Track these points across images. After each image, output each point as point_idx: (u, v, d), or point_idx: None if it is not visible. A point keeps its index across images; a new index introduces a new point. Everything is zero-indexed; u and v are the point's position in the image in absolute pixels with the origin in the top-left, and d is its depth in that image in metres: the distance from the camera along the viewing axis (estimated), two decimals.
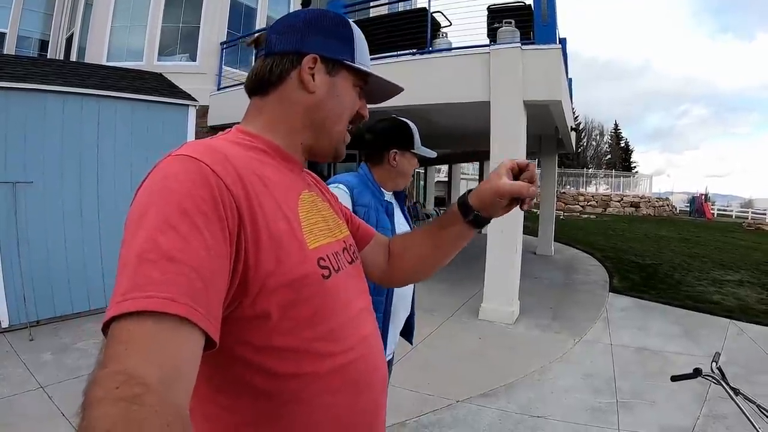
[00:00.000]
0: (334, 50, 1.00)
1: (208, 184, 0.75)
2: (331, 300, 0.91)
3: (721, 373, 2.11)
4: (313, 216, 0.98)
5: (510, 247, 6.20)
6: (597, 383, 4.37)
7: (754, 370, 4.73)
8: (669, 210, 32.81)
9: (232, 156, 0.84)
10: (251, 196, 0.82)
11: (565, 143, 11.46)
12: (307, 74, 0.98)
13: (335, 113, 1.03)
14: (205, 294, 0.69)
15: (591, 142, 51.94)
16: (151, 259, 0.67)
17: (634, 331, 5.91)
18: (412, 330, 2.29)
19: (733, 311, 6.82)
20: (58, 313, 5.60)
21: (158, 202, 0.72)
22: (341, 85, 1.02)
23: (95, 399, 0.54)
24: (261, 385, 0.84)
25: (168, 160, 0.79)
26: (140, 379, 0.57)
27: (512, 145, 6.18)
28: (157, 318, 0.63)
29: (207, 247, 0.71)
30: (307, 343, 0.87)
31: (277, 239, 0.83)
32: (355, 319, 0.98)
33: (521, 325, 6.01)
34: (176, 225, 0.70)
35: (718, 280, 9.22)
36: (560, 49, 6.04)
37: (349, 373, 0.93)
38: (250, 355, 0.83)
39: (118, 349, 0.60)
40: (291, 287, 0.84)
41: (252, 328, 0.82)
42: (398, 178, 2.13)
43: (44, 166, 5.58)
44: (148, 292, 0.64)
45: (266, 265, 0.81)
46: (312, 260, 0.89)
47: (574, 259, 11.41)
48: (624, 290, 8.02)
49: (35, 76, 5.86)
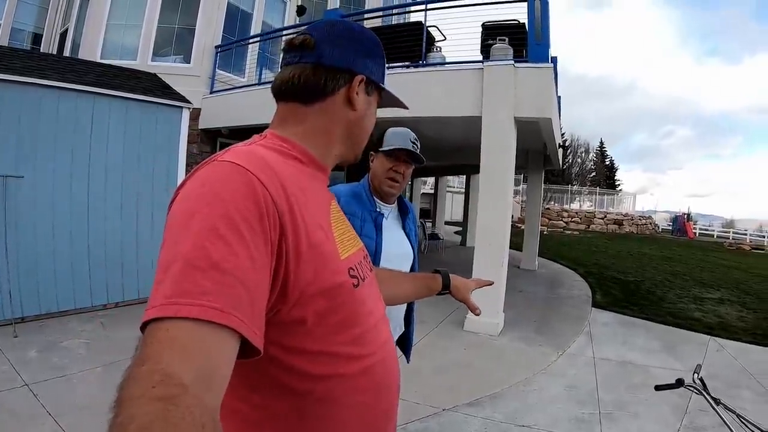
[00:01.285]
0: (374, 72, 1.07)
1: (255, 195, 0.77)
2: (359, 307, 0.96)
3: (702, 384, 2.19)
4: (341, 225, 1.03)
5: (496, 260, 6.28)
6: (580, 395, 4.44)
7: (733, 384, 4.86)
8: (651, 228, 33.25)
9: (277, 166, 0.86)
10: (294, 207, 0.83)
11: (553, 160, 11.62)
12: (355, 93, 1.03)
13: (368, 128, 1.11)
14: (250, 304, 0.71)
15: (576, 159, 52.46)
16: (201, 267, 0.68)
17: (616, 346, 6.01)
18: (409, 347, 2.32)
19: (714, 328, 6.99)
20: (43, 311, 5.55)
21: (206, 209, 0.74)
22: (373, 105, 1.11)
23: (132, 396, 0.56)
24: (295, 385, 0.88)
25: (214, 166, 0.81)
26: (177, 379, 0.59)
27: (502, 160, 6.28)
28: (199, 324, 0.65)
29: (252, 259, 0.73)
30: (338, 347, 0.91)
31: (316, 249, 0.86)
32: (377, 324, 1.03)
33: (506, 337, 6.08)
34: (225, 235, 0.71)
35: (699, 297, 9.41)
36: (552, 68, 6.16)
37: (374, 375, 0.98)
38: (285, 357, 0.86)
39: (159, 348, 0.62)
40: (326, 296, 0.88)
41: (288, 333, 0.86)
42: (374, 182, 2.13)
43: (36, 161, 5.54)
44: (199, 300, 0.66)
45: (305, 274, 0.83)
46: (344, 270, 0.93)
47: (558, 274, 11.55)
48: (606, 305, 8.16)
49: (32, 69, 5.83)
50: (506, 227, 6.40)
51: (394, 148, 2.09)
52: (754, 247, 26.42)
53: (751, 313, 8.23)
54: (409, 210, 2.26)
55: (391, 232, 2.12)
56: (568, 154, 48.95)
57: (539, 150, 10.78)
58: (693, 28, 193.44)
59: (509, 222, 6.63)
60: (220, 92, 9.57)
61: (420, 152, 2.15)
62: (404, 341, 2.29)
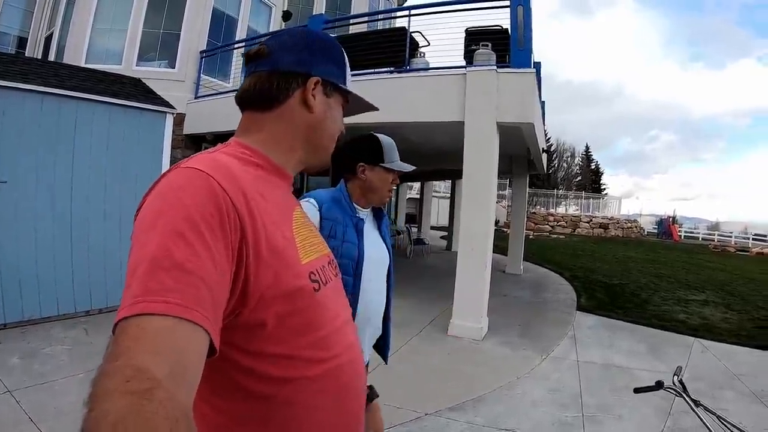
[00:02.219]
0: (332, 74, 1.08)
1: (216, 199, 0.80)
2: (321, 310, 0.97)
3: (682, 386, 2.20)
4: (304, 231, 1.04)
5: (479, 265, 6.31)
6: (563, 398, 4.47)
7: (717, 385, 4.92)
8: (637, 231, 33.51)
9: (239, 173, 0.89)
10: (254, 212, 0.86)
11: (537, 164, 11.68)
12: (310, 95, 1.04)
13: (330, 132, 1.10)
14: (212, 303, 0.73)
15: (562, 163, 52.78)
16: (165, 267, 0.71)
17: (600, 349, 6.05)
18: (387, 349, 2.32)
19: (698, 330, 7.06)
20: (26, 317, 5.49)
21: (169, 212, 0.76)
22: (335, 106, 1.11)
23: (105, 391, 0.57)
24: (257, 388, 0.89)
25: (180, 172, 0.83)
26: (150, 373, 0.59)
27: (485, 165, 6.33)
28: (168, 320, 0.67)
29: (213, 260, 0.75)
30: (299, 350, 0.92)
31: (276, 253, 0.88)
32: (341, 328, 1.04)
33: (489, 342, 6.09)
34: (187, 237, 0.74)
35: (683, 299, 9.51)
36: (534, 74, 6.21)
37: (339, 378, 0.99)
38: (246, 360, 0.88)
39: (129, 344, 0.64)
40: (286, 299, 0.89)
41: (248, 336, 0.87)
42: (369, 193, 2.13)
43: (18, 166, 5.50)
44: (164, 297, 0.68)
45: (265, 278, 0.85)
46: (305, 274, 0.94)
47: (543, 278, 11.62)
48: (591, 309, 8.21)
49: (14, 74, 5.79)
50: (489, 232, 6.44)
51: (399, 170, 2.15)
52: (738, 249, 26.71)
53: (735, 315, 8.33)
54: (383, 213, 2.27)
55: (370, 237, 2.12)
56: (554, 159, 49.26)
57: (523, 155, 10.84)
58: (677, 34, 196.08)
59: (492, 227, 6.66)
60: (204, 97, 9.55)
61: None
62: (382, 345, 2.29)
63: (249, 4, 11.49)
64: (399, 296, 8.30)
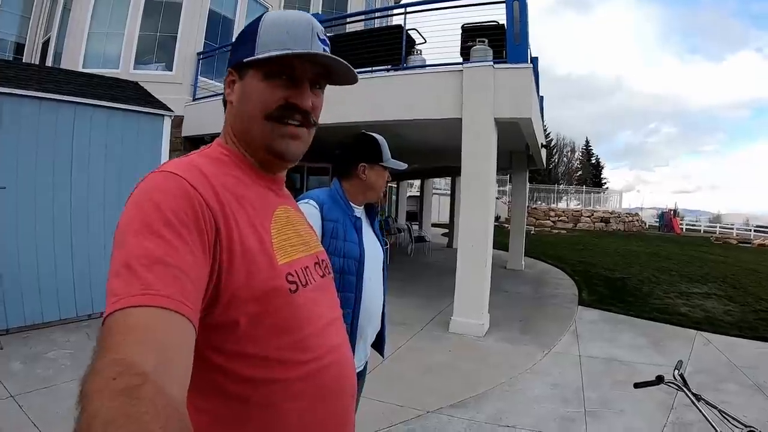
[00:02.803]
0: (240, 55, 1.02)
1: (190, 199, 0.82)
2: (298, 312, 0.96)
3: (683, 380, 2.18)
4: (287, 231, 1.04)
5: (480, 261, 6.31)
6: (565, 393, 4.46)
7: (720, 378, 4.92)
8: (638, 225, 33.46)
9: (210, 174, 0.91)
10: (227, 212, 0.88)
11: (536, 160, 11.68)
12: (228, 88, 1.05)
13: (246, 113, 1.03)
14: (194, 294, 0.76)
15: (562, 158, 52.76)
16: (144, 263, 0.72)
17: (602, 343, 6.04)
18: (383, 343, 2.34)
19: (700, 323, 7.04)
20: (28, 322, 5.49)
21: (144, 214, 0.78)
22: (249, 85, 1.02)
23: (94, 390, 0.57)
24: (233, 389, 0.89)
25: (152, 176, 0.86)
26: (137, 368, 0.60)
27: (483, 162, 6.32)
28: (152, 311, 0.68)
29: (192, 254, 0.78)
30: (276, 352, 0.92)
31: (249, 254, 0.89)
32: (325, 329, 1.03)
33: (491, 338, 6.10)
34: (164, 235, 0.76)
35: (685, 292, 9.49)
36: (531, 69, 6.20)
37: (319, 380, 0.98)
38: (223, 361, 0.88)
39: (117, 338, 0.65)
40: (259, 300, 0.89)
41: (223, 335, 0.87)
42: (368, 192, 2.17)
43: (18, 172, 5.51)
44: (144, 290, 0.69)
45: (237, 277, 0.86)
46: (281, 275, 0.94)
47: (545, 273, 11.61)
48: (593, 303, 8.20)
49: (12, 79, 5.78)
50: (489, 228, 6.43)
51: (396, 167, 2.20)
52: (740, 240, 26.69)
53: (737, 307, 8.31)
54: (375, 211, 2.29)
55: (366, 235, 2.15)
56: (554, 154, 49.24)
57: (522, 150, 10.83)
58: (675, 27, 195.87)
59: (492, 223, 6.65)
60: (202, 99, 9.55)
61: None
62: (378, 340, 2.31)
63: (245, 5, 11.48)
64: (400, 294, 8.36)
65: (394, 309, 7.26)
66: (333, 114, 7.16)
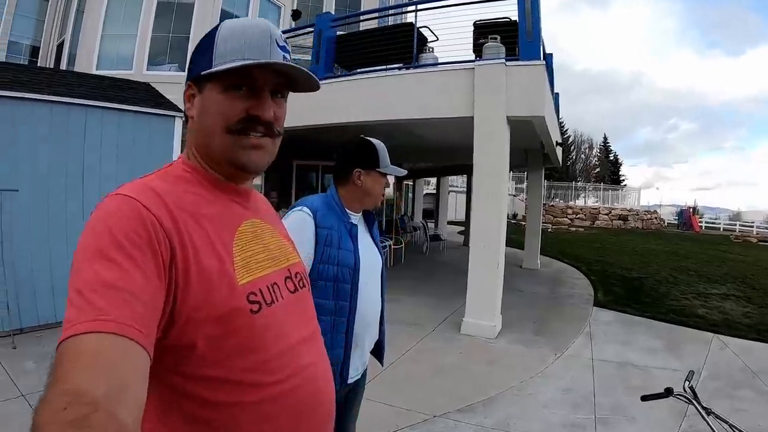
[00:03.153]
0: (195, 68, 0.99)
1: (142, 220, 0.81)
2: (261, 332, 0.92)
3: (693, 393, 2.08)
4: (253, 247, 1.00)
5: (492, 261, 6.22)
6: (576, 398, 4.37)
7: (735, 384, 4.77)
8: (657, 223, 33.00)
9: (166, 193, 0.88)
10: (182, 232, 0.86)
11: (552, 158, 11.54)
12: (188, 103, 1.01)
13: (207, 128, 0.99)
14: (146, 318, 0.74)
15: (580, 155, 52.29)
16: (95, 289, 0.72)
17: (616, 346, 5.93)
18: (382, 351, 2.30)
19: (718, 325, 6.87)
20: (41, 321, 5.53)
21: (97, 239, 0.78)
22: (207, 97, 0.98)
23: (44, 422, 0.56)
24: (195, 412, 0.87)
25: (106, 201, 0.85)
26: (87, 396, 0.59)
27: (495, 160, 6.24)
28: (102, 337, 0.67)
29: (145, 277, 0.77)
30: (237, 374, 0.89)
31: (207, 275, 0.86)
32: (293, 348, 0.98)
33: (503, 340, 6.01)
34: (115, 258, 0.75)
35: (703, 293, 9.29)
36: (544, 65, 6.10)
37: (286, 402, 0.94)
38: (183, 384, 0.86)
39: (66, 367, 0.64)
40: (218, 321, 0.86)
41: (181, 358, 0.85)
42: (365, 198, 2.12)
43: (31, 175, 5.56)
44: (94, 317, 0.68)
45: (194, 299, 0.84)
46: (241, 295, 0.90)
47: (560, 273, 11.46)
48: (608, 304, 8.06)
49: (24, 83, 5.84)
50: (501, 227, 6.34)
51: (394, 174, 2.18)
52: (761, 239, 26.11)
53: (756, 309, 8.09)
54: (373, 217, 2.24)
55: (363, 242, 2.10)
56: (572, 151, 48.82)
57: (537, 148, 10.72)
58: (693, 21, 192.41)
59: (504, 222, 6.56)
60: None
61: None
62: (377, 347, 2.27)
63: (257, 5, 11.53)
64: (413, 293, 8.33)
65: (406, 308, 7.32)
66: (346, 114, 7.15)
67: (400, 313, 7.02)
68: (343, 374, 1.94)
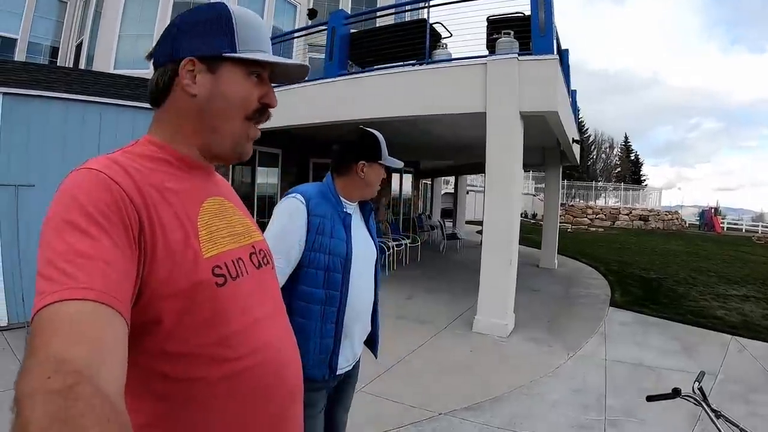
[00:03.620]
0: (210, 47, 0.97)
1: (110, 192, 0.80)
2: (225, 306, 0.91)
3: (702, 394, 2.01)
4: (217, 222, 0.99)
5: (504, 259, 6.13)
6: (586, 399, 4.27)
7: (753, 388, 4.62)
8: (678, 224, 32.49)
9: (131, 169, 0.87)
10: (149, 205, 0.85)
11: (569, 156, 11.39)
12: (186, 79, 0.96)
13: (222, 111, 0.99)
14: (122, 286, 0.74)
15: (601, 155, 51.68)
16: (68, 259, 0.70)
17: (631, 347, 5.80)
18: (376, 344, 2.26)
19: (736, 327, 6.69)
20: None
21: (65, 211, 0.76)
22: (226, 80, 0.98)
23: (29, 391, 0.54)
24: (158, 388, 0.87)
25: (73, 174, 0.83)
26: (71, 365, 0.58)
27: (508, 156, 6.15)
28: (82, 304, 0.66)
29: (116, 246, 0.76)
30: (199, 349, 0.88)
31: (172, 248, 0.86)
32: (257, 323, 0.98)
33: (515, 338, 5.92)
34: (86, 228, 0.74)
35: (722, 294, 9.08)
36: (557, 60, 6.00)
37: (247, 380, 0.93)
38: (146, 360, 0.85)
39: (47, 335, 0.62)
40: (182, 295, 0.85)
41: (145, 333, 0.84)
42: (365, 189, 2.11)
43: (46, 171, 5.66)
44: (70, 285, 0.67)
45: (159, 272, 0.83)
46: (206, 268, 0.90)
47: (578, 272, 11.30)
48: (625, 304, 7.91)
49: (40, 82, 5.95)
50: (514, 225, 6.25)
51: (393, 165, 2.16)
52: None
53: None
54: (370, 208, 2.22)
55: (357, 232, 2.08)
56: (592, 150, 48.30)
57: (554, 146, 10.59)
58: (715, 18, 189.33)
59: (517, 218, 6.47)
60: None
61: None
62: (371, 339, 2.24)
63: (273, 4, 11.56)
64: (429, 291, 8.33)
65: (419, 306, 7.29)
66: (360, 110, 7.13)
67: (413, 311, 6.99)
68: (332, 364, 1.91)
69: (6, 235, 5.46)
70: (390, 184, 14.67)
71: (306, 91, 7.78)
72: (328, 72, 7.85)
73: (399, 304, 7.36)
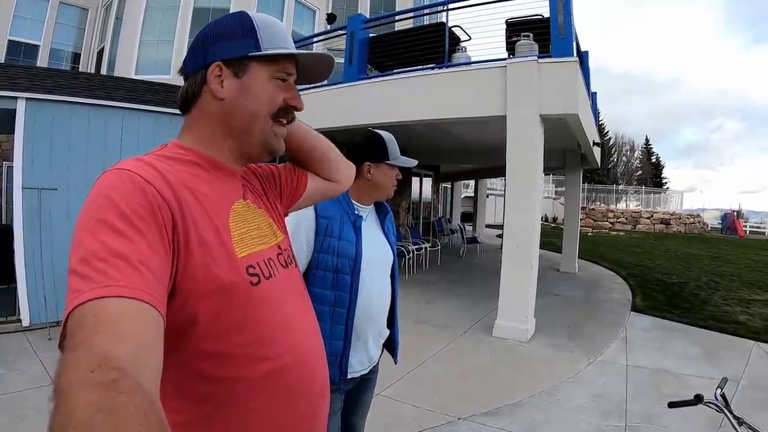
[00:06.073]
0: (235, 49, 1.01)
1: (144, 192, 0.81)
2: (260, 306, 0.94)
3: (724, 401, 1.98)
4: (246, 225, 1.01)
5: (524, 263, 6.10)
6: (607, 405, 4.22)
7: None
8: (700, 227, 31.97)
9: (163, 170, 0.89)
10: (183, 205, 0.87)
11: (590, 159, 11.28)
12: (214, 83, 1.00)
13: (250, 113, 1.02)
14: (156, 284, 0.74)
15: (621, 157, 51.04)
16: (103, 258, 0.71)
17: (652, 352, 5.72)
18: (396, 348, 2.26)
19: (760, 333, 6.56)
20: None
21: (99, 211, 0.77)
22: (252, 82, 1.02)
23: (72, 383, 0.55)
24: (197, 388, 0.88)
25: (106, 175, 0.84)
26: (115, 361, 0.58)
27: (528, 159, 6.12)
28: (119, 302, 0.67)
29: (151, 247, 0.77)
30: (237, 348, 0.90)
31: (207, 248, 0.88)
32: (288, 323, 1.00)
33: (535, 343, 5.88)
34: (119, 228, 0.75)
35: (745, 299, 8.92)
36: (577, 62, 5.95)
37: (283, 378, 0.95)
38: (185, 360, 0.87)
39: (88, 333, 0.62)
40: (219, 294, 0.88)
41: (182, 334, 0.86)
42: (374, 191, 2.11)
43: (69, 174, 5.79)
44: (105, 282, 0.68)
45: (195, 272, 0.85)
46: (241, 268, 0.92)
47: (598, 277, 11.18)
48: (646, 309, 7.81)
49: (63, 88, 6.08)
50: (535, 228, 6.20)
51: (403, 165, 2.15)
52: None
53: None
54: (386, 210, 2.21)
55: (371, 235, 2.08)
56: (613, 153, 47.76)
57: (575, 149, 10.50)
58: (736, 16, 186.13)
59: (538, 222, 6.43)
60: None
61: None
62: (390, 343, 2.24)
63: (292, 9, 11.63)
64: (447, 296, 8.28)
65: (439, 310, 7.28)
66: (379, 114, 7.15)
67: (433, 315, 6.97)
68: (342, 366, 1.92)
69: (29, 238, 5.58)
70: (410, 188, 14.63)
71: (326, 95, 7.83)
72: (348, 76, 7.88)
73: (419, 308, 7.35)
